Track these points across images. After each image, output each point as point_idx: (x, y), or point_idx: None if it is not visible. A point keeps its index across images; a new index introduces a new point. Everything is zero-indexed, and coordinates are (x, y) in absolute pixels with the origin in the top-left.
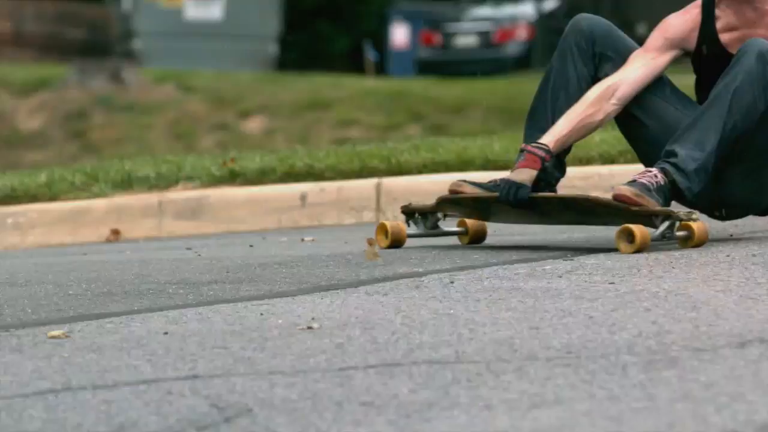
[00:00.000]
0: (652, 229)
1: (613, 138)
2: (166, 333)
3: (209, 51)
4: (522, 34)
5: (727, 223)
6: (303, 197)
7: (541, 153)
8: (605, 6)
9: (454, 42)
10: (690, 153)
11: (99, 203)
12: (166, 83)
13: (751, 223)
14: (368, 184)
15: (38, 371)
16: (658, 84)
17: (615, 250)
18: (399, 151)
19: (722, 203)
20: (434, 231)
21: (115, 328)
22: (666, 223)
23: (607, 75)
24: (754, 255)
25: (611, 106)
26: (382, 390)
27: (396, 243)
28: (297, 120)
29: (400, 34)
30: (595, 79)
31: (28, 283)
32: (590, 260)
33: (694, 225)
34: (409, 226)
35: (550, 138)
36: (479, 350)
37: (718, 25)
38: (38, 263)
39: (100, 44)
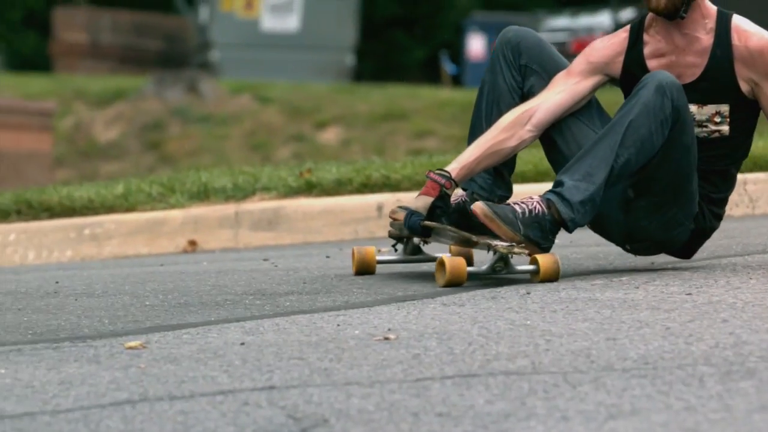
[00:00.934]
0: (494, 256)
1: None
2: (242, 344)
3: (286, 62)
4: None
5: None
6: (379, 208)
7: (442, 180)
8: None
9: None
10: (576, 184)
11: (176, 214)
12: (242, 94)
13: None
14: None
15: (115, 382)
16: (584, 108)
17: (692, 261)
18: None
19: (631, 236)
20: (412, 257)
21: (192, 338)
22: (495, 256)
23: (531, 88)
24: None
25: (527, 132)
26: (458, 401)
27: (364, 269)
28: (373, 131)
29: (476, 45)
30: (522, 92)
31: (105, 294)
32: (667, 271)
33: (541, 259)
34: (396, 251)
35: (456, 165)
36: (556, 361)
37: (646, 50)
38: (115, 274)
39: (176, 55)
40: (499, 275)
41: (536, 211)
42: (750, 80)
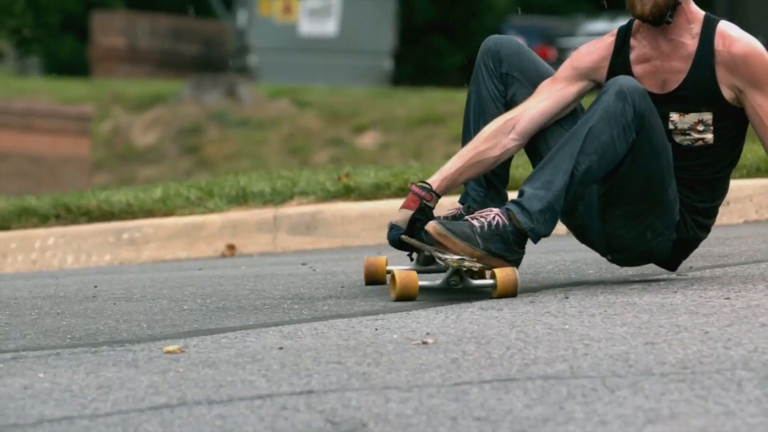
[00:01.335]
0: (452, 270)
1: None
2: (281, 348)
3: (324, 66)
4: None
5: None
6: None
7: (422, 193)
8: (719, 12)
9: (569, 57)
10: (536, 192)
11: (214, 218)
12: (280, 98)
13: None
14: None
15: (154, 386)
16: (568, 117)
17: (729, 265)
18: (513, 165)
19: (610, 245)
20: (426, 267)
21: (230, 343)
22: (449, 270)
23: (514, 96)
24: None
25: (511, 141)
26: (496, 405)
27: (373, 279)
28: (411, 135)
29: None
30: (506, 100)
31: (144, 298)
32: (705, 275)
33: (498, 273)
34: (412, 260)
35: (438, 177)
36: (594, 365)
37: (632, 55)
38: (153, 278)
39: (214, 60)
40: (456, 290)
41: (495, 223)
42: (734, 87)
